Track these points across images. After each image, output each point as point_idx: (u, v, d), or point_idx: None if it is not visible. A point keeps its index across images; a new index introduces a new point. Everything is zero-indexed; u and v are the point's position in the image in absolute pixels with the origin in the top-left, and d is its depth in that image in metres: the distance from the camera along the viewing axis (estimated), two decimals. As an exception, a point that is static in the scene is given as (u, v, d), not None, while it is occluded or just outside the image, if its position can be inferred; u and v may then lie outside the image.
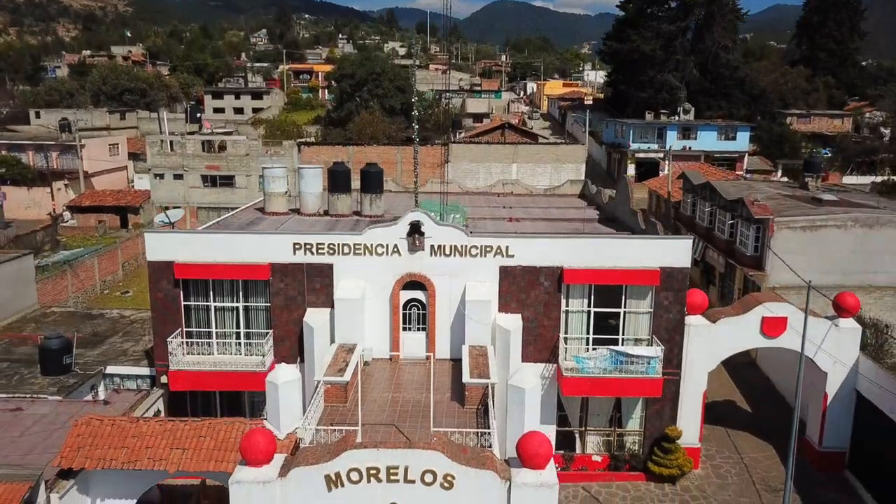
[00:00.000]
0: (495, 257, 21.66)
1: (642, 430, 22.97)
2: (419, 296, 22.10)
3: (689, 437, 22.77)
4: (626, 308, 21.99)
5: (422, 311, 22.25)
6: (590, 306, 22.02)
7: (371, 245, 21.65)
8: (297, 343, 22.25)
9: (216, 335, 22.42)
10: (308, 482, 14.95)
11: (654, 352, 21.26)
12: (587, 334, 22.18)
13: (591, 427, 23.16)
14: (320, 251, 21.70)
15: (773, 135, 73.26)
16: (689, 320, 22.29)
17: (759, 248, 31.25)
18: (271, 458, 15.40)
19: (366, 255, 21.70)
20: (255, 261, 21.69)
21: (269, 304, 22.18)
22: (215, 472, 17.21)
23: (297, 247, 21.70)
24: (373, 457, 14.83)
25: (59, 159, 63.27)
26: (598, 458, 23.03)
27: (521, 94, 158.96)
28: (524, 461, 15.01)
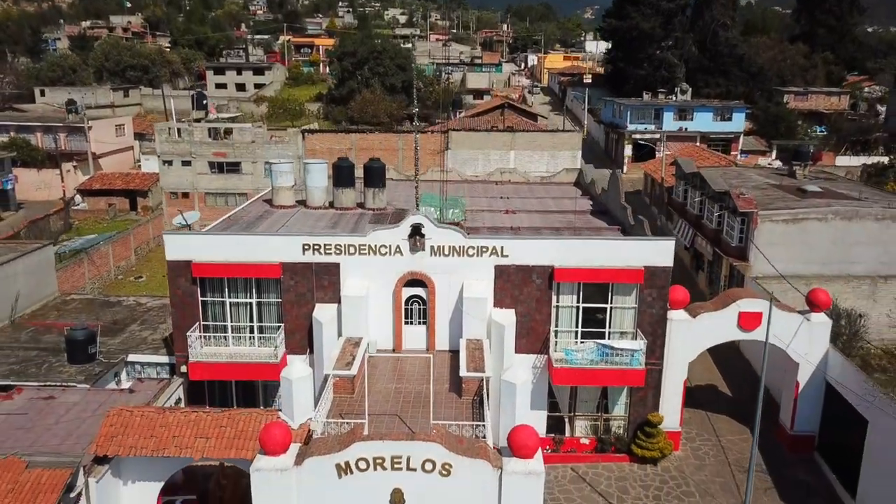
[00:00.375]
0: (491, 257, 23.26)
1: (627, 416, 24.79)
2: (420, 292, 23.74)
3: (670, 421, 24.60)
4: (612, 304, 23.65)
5: (422, 307, 23.90)
6: (578, 302, 23.68)
7: (375, 246, 23.24)
8: (307, 335, 23.96)
9: (231, 328, 24.13)
10: (321, 470, 16.79)
11: (638, 345, 22.98)
12: (576, 328, 23.88)
13: (580, 412, 24.99)
14: (328, 251, 23.30)
15: (770, 114, 74.23)
16: (671, 315, 23.98)
17: (743, 239, 32.81)
18: (287, 448, 17.26)
19: (370, 255, 23.30)
20: (268, 260, 23.30)
21: (280, 300, 23.84)
22: (235, 459, 19.04)
23: (306, 247, 23.29)
24: (379, 448, 16.65)
25: (67, 140, 64.57)
26: (585, 441, 24.88)
27: (523, 65, 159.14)
28: (514, 451, 16.79)
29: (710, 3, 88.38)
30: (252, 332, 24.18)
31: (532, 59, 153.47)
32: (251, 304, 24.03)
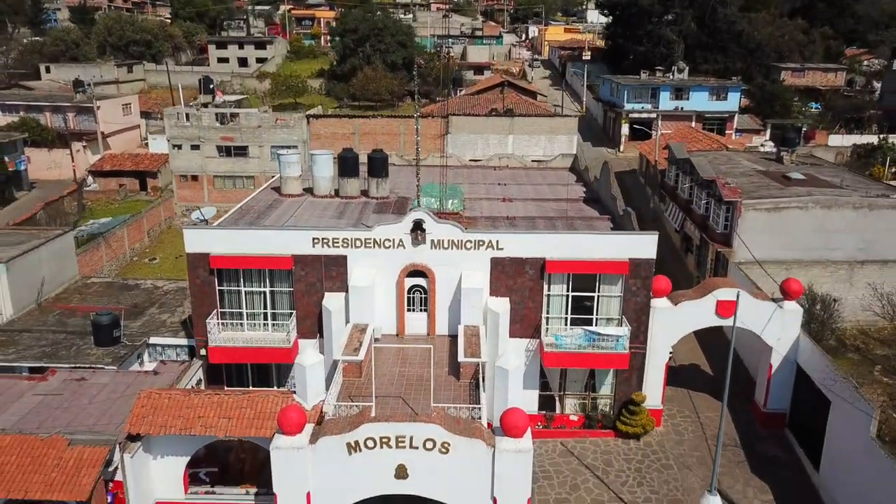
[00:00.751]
0: (487, 250, 25.09)
1: (612, 395, 26.83)
2: (421, 282, 25.61)
3: (653, 400, 26.65)
4: (599, 293, 25.52)
5: (423, 296, 25.80)
6: (568, 291, 25.55)
7: (380, 239, 25.04)
8: (317, 321, 25.91)
9: (247, 315, 26.05)
10: (333, 448, 18.90)
11: (622, 331, 24.92)
12: (566, 315, 25.78)
13: (569, 392, 27.03)
14: (336, 244, 25.12)
15: (766, 92, 75.34)
16: (654, 303, 25.87)
17: (728, 226, 34.55)
18: (302, 428, 19.37)
19: (375, 248, 25.11)
20: (280, 253, 25.14)
21: (291, 289, 25.73)
22: (255, 437, 21.09)
23: (315, 241, 25.11)
24: (385, 428, 18.73)
25: (76, 120, 66.00)
26: (574, 417, 26.96)
27: (524, 36, 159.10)
28: (506, 431, 18.88)
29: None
30: (266, 318, 26.09)
31: (533, 30, 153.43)
32: (265, 292, 25.91)
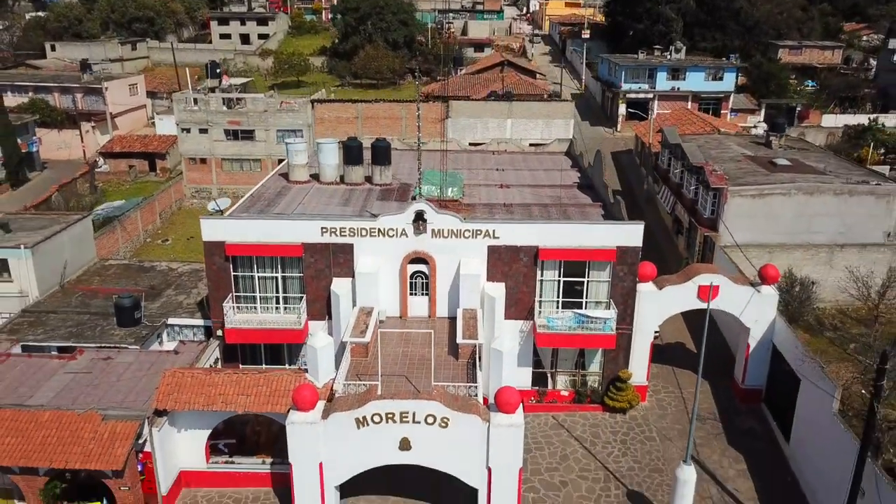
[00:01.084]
0: (484, 238, 26.85)
1: (601, 372, 28.78)
2: (423, 269, 27.42)
3: (638, 377, 28.62)
4: (589, 278, 27.34)
5: (425, 281, 27.63)
6: (560, 277, 27.36)
7: (384, 229, 26.80)
8: (326, 304, 27.77)
9: (260, 299, 27.92)
10: (343, 423, 20.92)
11: (610, 314, 26.79)
12: (557, 298, 27.64)
13: (560, 369, 28.99)
14: (343, 234, 26.89)
15: (762, 71, 76.33)
16: (640, 287, 27.71)
17: (714, 212, 36.25)
18: (315, 405, 21.36)
19: (380, 237, 26.88)
20: (291, 241, 26.91)
21: (302, 275, 27.55)
22: (271, 413, 23.09)
23: (324, 230, 26.87)
24: (390, 405, 20.72)
25: (84, 101, 67.35)
26: (565, 393, 28.96)
27: (524, 10, 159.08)
28: (499, 408, 20.86)
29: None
30: (278, 302, 27.96)
31: (534, 3, 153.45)
32: (277, 278, 27.74)
